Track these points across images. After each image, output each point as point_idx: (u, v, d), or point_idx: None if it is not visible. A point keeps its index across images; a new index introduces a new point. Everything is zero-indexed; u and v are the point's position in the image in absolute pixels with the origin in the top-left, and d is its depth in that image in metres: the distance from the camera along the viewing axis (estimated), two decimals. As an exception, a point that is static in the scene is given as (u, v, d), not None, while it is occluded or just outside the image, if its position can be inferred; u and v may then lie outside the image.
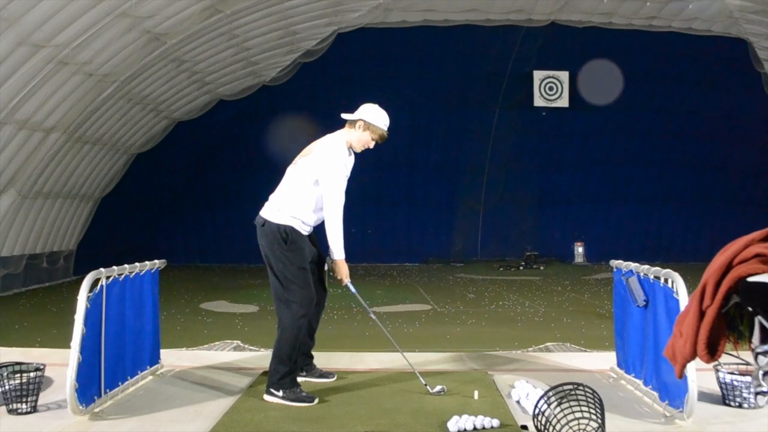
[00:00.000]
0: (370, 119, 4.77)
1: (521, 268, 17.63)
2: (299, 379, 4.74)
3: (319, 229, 4.87)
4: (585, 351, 6.55)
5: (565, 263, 19.17)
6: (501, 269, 17.43)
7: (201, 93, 16.14)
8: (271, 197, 4.78)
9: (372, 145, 4.84)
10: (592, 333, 7.88)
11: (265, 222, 4.68)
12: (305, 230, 4.73)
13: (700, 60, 17.33)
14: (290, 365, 4.54)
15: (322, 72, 16.55)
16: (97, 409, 4.19)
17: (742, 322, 2.21)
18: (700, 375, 3.93)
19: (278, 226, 4.63)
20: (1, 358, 4.92)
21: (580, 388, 3.61)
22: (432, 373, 5.23)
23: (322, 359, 5.21)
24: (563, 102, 18.74)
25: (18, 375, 4.23)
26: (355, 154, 4.92)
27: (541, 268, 17.62)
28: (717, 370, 4.42)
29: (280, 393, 4.43)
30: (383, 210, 19.44)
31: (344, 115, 4.85)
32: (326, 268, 4.88)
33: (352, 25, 15.45)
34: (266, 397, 4.48)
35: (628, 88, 18.48)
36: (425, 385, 4.61)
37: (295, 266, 4.60)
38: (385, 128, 4.81)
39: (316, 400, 4.43)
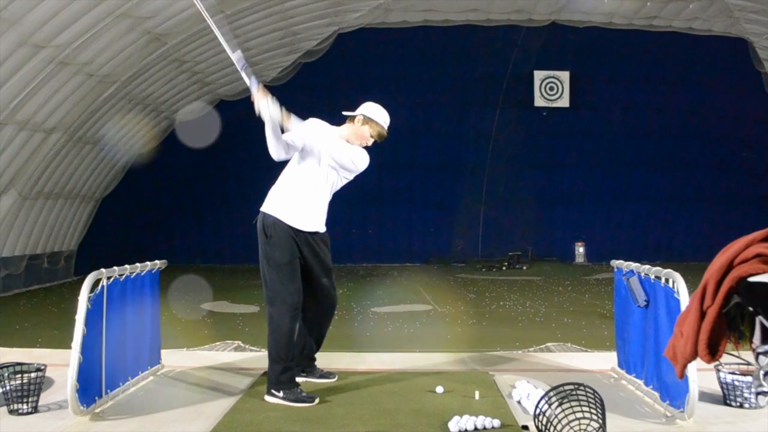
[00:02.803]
0: (370, 114, 4.77)
1: (504, 268, 17.63)
2: (300, 380, 4.73)
3: (330, 233, 4.84)
4: (586, 351, 6.55)
5: (565, 263, 19.16)
6: (484, 270, 17.44)
7: (201, 93, 16.15)
8: (270, 193, 4.77)
9: (370, 142, 4.81)
10: (592, 333, 7.88)
11: (262, 215, 4.64)
12: (292, 221, 4.56)
13: (700, 60, 17.33)
14: (285, 363, 4.49)
15: (323, 72, 16.55)
16: (98, 410, 4.19)
17: (743, 322, 2.21)
18: (701, 375, 3.93)
19: (264, 218, 4.59)
20: (2, 359, 4.92)
21: (581, 388, 3.61)
22: (433, 373, 5.23)
23: (322, 359, 5.20)
24: (564, 102, 18.75)
25: (19, 375, 4.23)
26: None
27: (525, 268, 17.63)
28: (718, 370, 4.42)
29: (281, 394, 4.43)
30: (384, 210, 19.45)
31: (345, 113, 4.85)
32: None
33: (353, 26, 15.46)
34: (267, 398, 4.48)
35: (629, 88, 18.50)
36: None
37: (277, 262, 4.52)
38: (385, 126, 4.80)
39: (317, 400, 4.42)
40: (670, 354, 2.33)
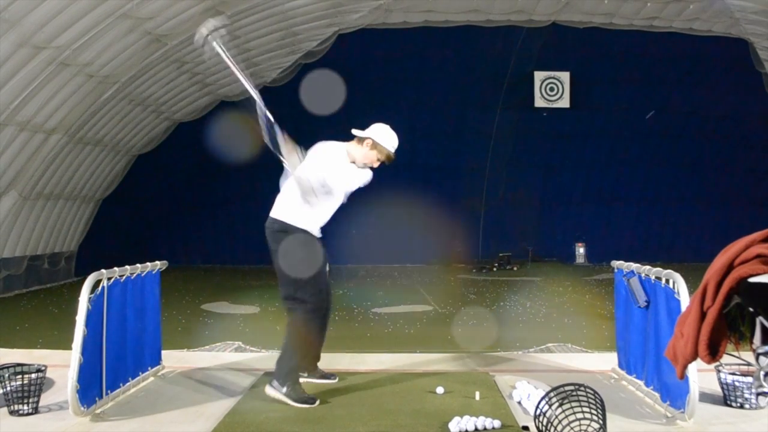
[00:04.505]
0: (379, 139, 4.79)
1: (495, 269, 17.65)
2: (300, 380, 4.74)
3: (325, 232, 4.85)
4: (586, 352, 6.55)
5: (566, 264, 19.15)
6: (474, 270, 17.48)
7: (202, 94, 16.16)
8: (281, 200, 4.76)
9: (377, 164, 4.84)
10: (593, 334, 7.88)
11: (280, 223, 4.66)
12: (317, 232, 4.73)
13: (701, 60, 17.32)
14: (299, 360, 4.60)
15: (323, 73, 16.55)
16: (98, 410, 4.19)
17: (743, 323, 2.21)
18: (701, 376, 3.93)
19: (294, 227, 4.63)
20: (3, 360, 4.93)
21: (582, 388, 3.61)
22: (433, 373, 5.23)
23: (323, 360, 5.20)
24: (564, 102, 18.73)
25: (19, 376, 4.24)
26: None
27: (515, 269, 17.65)
28: (718, 371, 4.42)
29: (284, 389, 4.43)
30: (384, 211, 19.41)
31: (354, 131, 4.86)
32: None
33: (353, 26, 15.45)
34: (268, 389, 4.47)
35: (629, 88, 18.49)
36: None
37: (311, 261, 4.62)
38: (393, 150, 4.83)
39: (317, 402, 4.42)
40: (670, 354, 2.33)
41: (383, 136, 4.80)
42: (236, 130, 17.92)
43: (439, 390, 4.64)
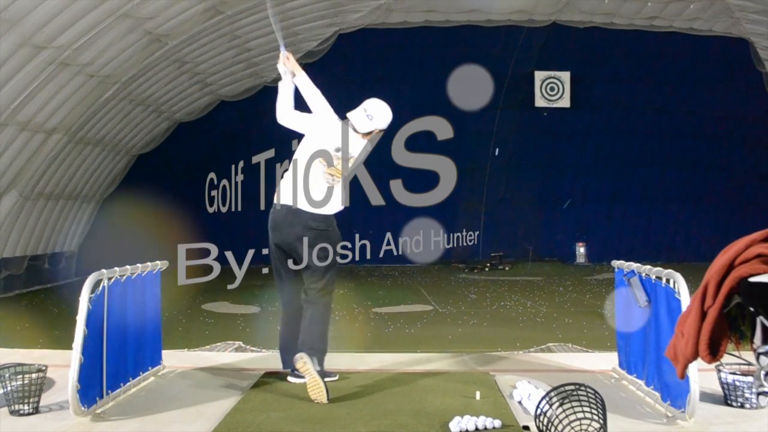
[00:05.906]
0: (383, 125, 5.08)
1: (487, 269, 17.69)
2: (298, 380, 4.75)
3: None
4: (587, 351, 6.55)
5: (566, 263, 19.15)
6: (466, 270, 17.51)
7: (202, 94, 16.16)
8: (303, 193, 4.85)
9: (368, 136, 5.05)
10: (593, 333, 7.88)
11: (330, 222, 4.89)
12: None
13: (701, 60, 17.32)
14: None
15: (324, 73, 16.53)
16: (99, 410, 4.19)
17: (743, 323, 2.21)
18: (702, 375, 3.92)
19: (329, 219, 4.91)
20: (3, 360, 4.93)
21: (582, 388, 3.61)
22: (434, 373, 5.23)
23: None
24: (564, 102, 18.72)
25: (20, 376, 4.24)
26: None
27: (507, 269, 17.69)
28: (719, 371, 4.42)
29: (319, 368, 4.49)
30: (385, 211, 19.40)
31: (355, 119, 4.91)
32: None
33: (354, 26, 15.45)
34: (302, 360, 4.52)
35: (630, 88, 18.49)
36: None
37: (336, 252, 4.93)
38: (385, 126, 5.14)
39: (329, 400, 4.42)
40: (671, 354, 2.33)
41: (382, 119, 5.08)
42: (236, 129, 18.05)
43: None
